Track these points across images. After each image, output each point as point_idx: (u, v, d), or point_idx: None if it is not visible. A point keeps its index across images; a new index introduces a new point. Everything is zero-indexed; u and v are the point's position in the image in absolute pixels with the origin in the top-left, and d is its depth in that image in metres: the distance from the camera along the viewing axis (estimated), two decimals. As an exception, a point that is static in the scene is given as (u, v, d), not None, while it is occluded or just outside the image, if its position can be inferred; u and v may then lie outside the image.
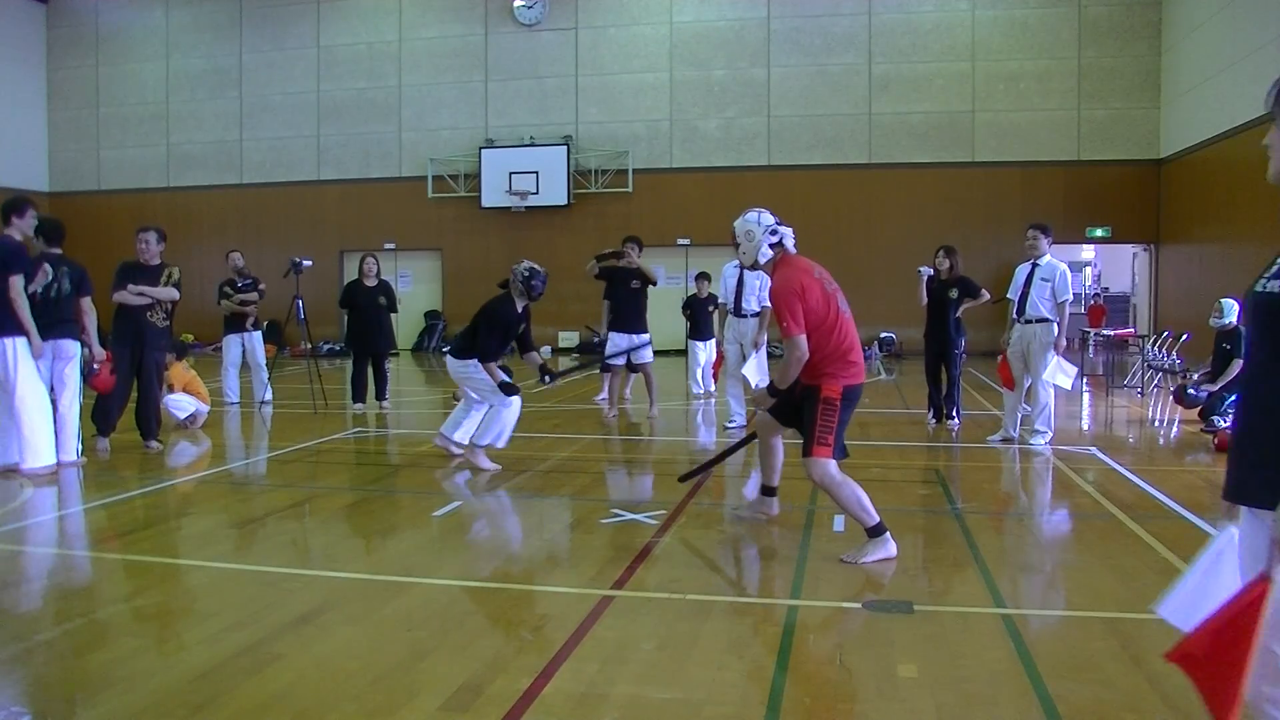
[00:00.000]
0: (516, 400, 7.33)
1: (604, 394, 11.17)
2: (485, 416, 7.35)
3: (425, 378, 16.80)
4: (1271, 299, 1.91)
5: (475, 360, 7.23)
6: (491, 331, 7.22)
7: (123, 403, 8.20)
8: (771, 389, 5.19)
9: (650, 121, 20.52)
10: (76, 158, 23.29)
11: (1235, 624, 1.87)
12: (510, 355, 8.03)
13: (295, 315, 11.32)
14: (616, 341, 10.10)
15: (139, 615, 4.16)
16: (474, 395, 7.57)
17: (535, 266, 7.27)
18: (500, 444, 7.33)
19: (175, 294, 8.35)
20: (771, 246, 5.07)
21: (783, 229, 5.09)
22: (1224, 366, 9.43)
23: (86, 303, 7.69)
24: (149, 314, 8.16)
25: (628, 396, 11.47)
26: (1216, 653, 1.89)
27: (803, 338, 4.81)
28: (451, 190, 21.14)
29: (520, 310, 7.34)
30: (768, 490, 5.59)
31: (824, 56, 19.79)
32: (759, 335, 9.34)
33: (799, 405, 5.07)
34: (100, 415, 8.08)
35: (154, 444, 8.23)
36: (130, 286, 8.07)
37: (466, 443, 7.59)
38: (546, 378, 7.51)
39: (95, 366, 7.82)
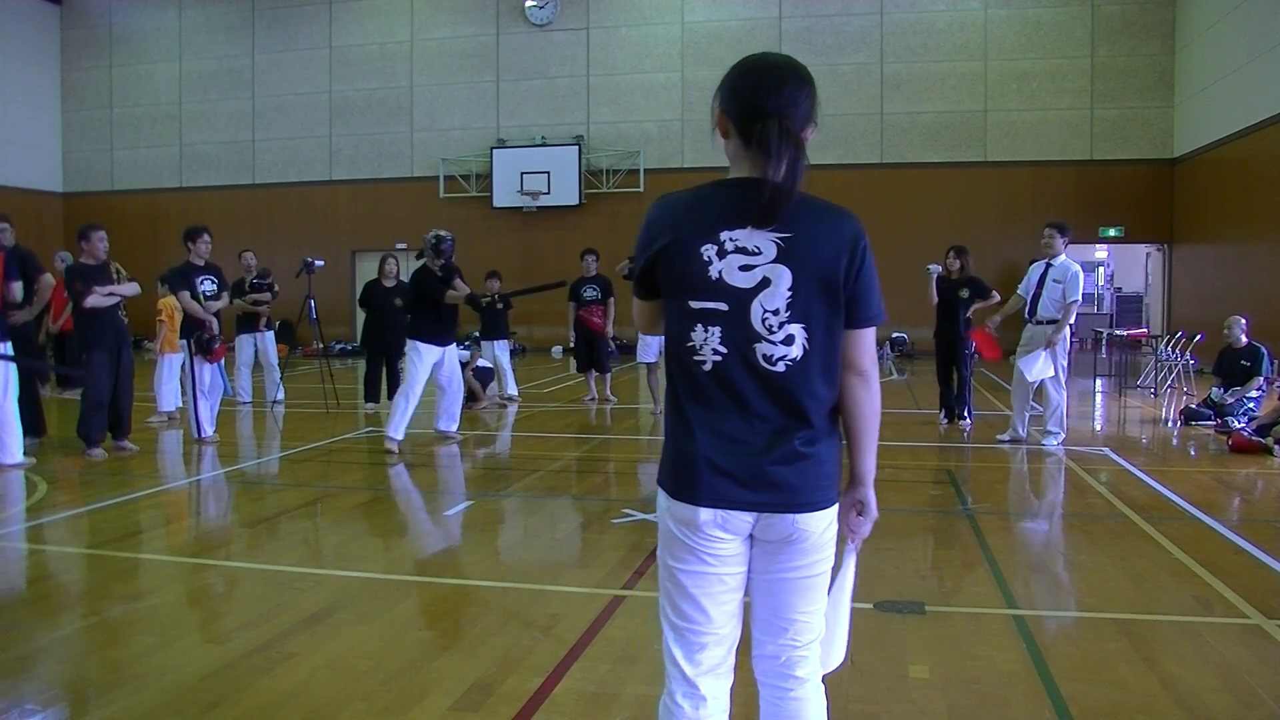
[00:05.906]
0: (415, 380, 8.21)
1: (592, 394, 11.66)
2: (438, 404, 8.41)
3: (436, 377, 16.79)
4: None
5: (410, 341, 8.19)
6: (419, 305, 8.19)
7: (104, 408, 7.94)
8: None
9: (662, 121, 20.51)
10: (90, 158, 23.42)
11: None
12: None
13: (308, 315, 11.38)
14: (647, 340, 10.35)
15: (151, 614, 4.18)
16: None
17: (440, 232, 8.32)
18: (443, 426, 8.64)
19: (138, 288, 8.54)
20: None
21: None
22: (1240, 380, 9.64)
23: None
24: (119, 311, 8.21)
25: (612, 398, 11.58)
26: None
27: None
28: (463, 190, 21.18)
29: (441, 275, 8.18)
30: None
31: (836, 56, 19.74)
32: None
33: None
34: (95, 427, 7.85)
35: (125, 445, 8.06)
36: (98, 289, 7.88)
37: (454, 430, 8.77)
38: (501, 303, 8.10)
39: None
